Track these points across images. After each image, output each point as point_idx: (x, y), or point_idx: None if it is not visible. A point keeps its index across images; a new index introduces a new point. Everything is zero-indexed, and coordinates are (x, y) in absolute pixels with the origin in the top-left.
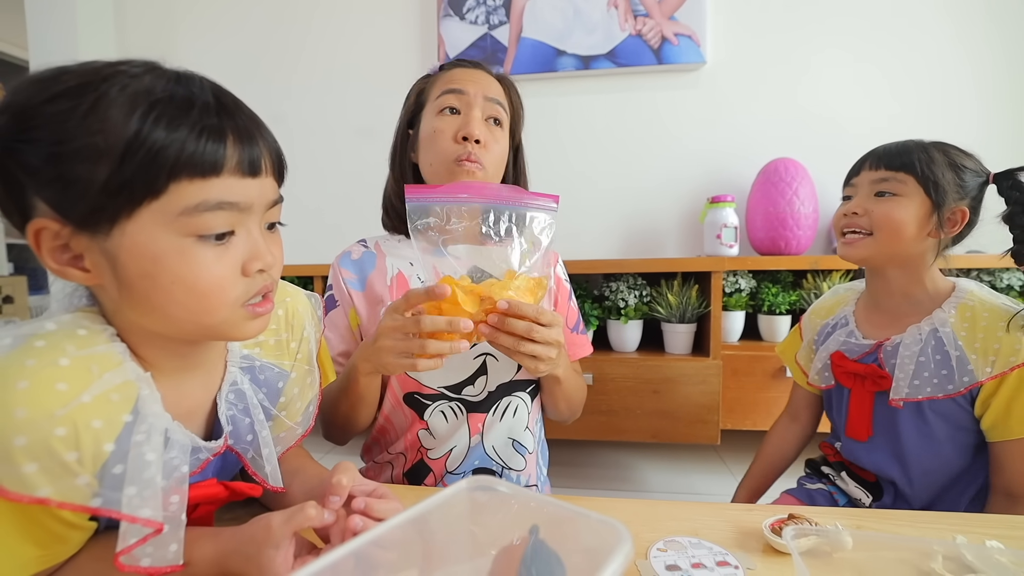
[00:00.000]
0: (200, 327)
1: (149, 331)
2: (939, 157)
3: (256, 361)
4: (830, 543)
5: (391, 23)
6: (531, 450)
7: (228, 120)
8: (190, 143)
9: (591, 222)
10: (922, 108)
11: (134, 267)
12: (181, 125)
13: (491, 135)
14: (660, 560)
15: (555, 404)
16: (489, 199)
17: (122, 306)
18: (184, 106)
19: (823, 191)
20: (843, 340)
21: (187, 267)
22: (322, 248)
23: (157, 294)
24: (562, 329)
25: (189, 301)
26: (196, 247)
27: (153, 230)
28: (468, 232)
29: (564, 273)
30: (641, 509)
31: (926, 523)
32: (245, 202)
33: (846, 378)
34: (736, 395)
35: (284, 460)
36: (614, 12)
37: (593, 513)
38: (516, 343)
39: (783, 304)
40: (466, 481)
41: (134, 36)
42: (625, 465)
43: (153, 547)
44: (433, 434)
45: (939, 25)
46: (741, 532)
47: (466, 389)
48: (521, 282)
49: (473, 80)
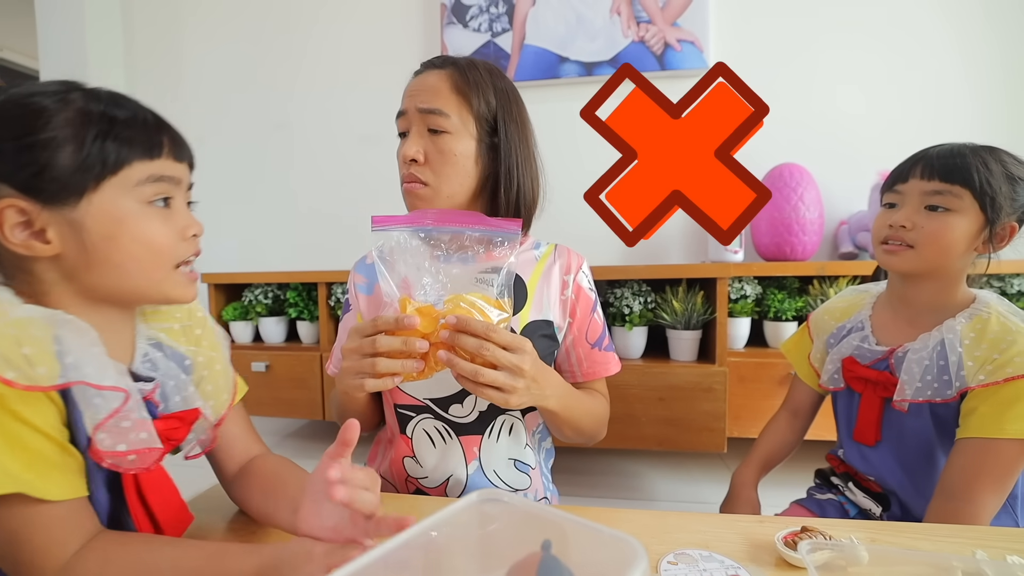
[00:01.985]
0: (149, 282)
1: (89, 299)
2: (997, 169)
3: (163, 340)
4: (845, 557)
5: (395, 32)
6: (533, 465)
7: (160, 119)
8: (141, 134)
9: (595, 228)
10: (927, 112)
11: (99, 230)
12: (132, 120)
13: (434, 147)
14: (671, 574)
15: (559, 432)
16: (450, 224)
17: (77, 271)
18: (129, 105)
19: (828, 196)
20: (856, 345)
21: (144, 226)
22: (340, 252)
23: (118, 252)
24: (532, 355)
25: (145, 255)
26: (149, 211)
27: (116, 198)
28: (432, 257)
29: (588, 281)
30: (650, 520)
31: (944, 537)
32: (177, 177)
33: (856, 383)
34: (742, 402)
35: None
36: (616, 19)
37: (606, 528)
38: (474, 373)
39: (789, 310)
40: (476, 494)
41: (141, 46)
42: (631, 473)
43: (123, 434)
44: (419, 461)
45: (942, 30)
46: (753, 545)
47: (453, 407)
48: (481, 302)
49: (412, 94)
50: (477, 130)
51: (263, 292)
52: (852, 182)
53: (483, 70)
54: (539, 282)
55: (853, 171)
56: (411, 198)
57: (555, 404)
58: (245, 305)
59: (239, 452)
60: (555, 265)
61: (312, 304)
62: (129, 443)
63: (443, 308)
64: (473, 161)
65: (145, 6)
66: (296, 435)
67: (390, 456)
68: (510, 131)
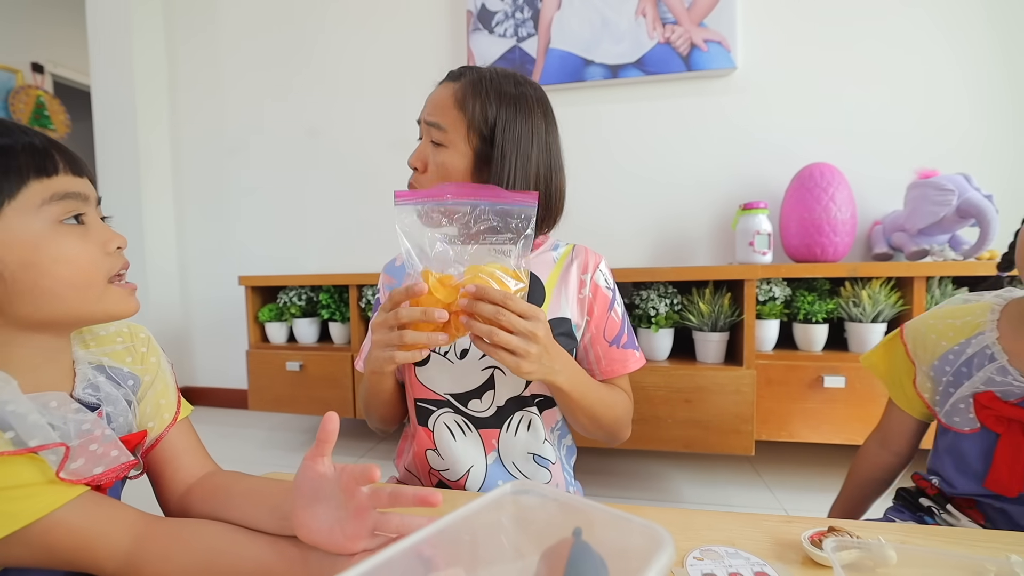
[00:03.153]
0: (86, 302)
1: (23, 328)
2: None
3: (106, 363)
4: (873, 557)
5: (423, 39)
6: (553, 460)
7: (50, 140)
8: (29, 156)
9: (621, 230)
10: (961, 108)
11: (14, 258)
12: (13, 147)
13: (433, 158)
14: (697, 568)
15: (574, 419)
16: (468, 197)
17: (5, 304)
18: (9, 130)
19: (861, 197)
20: (993, 378)
21: (62, 246)
22: (370, 256)
23: (43, 278)
24: (545, 325)
25: (72, 276)
26: (62, 230)
27: (23, 223)
28: (451, 230)
29: (605, 280)
30: (677, 518)
31: (977, 541)
32: (83, 193)
33: (996, 422)
34: (770, 405)
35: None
36: (642, 20)
37: (635, 517)
38: (489, 332)
39: (819, 312)
40: (510, 485)
41: (183, 57)
42: (657, 475)
43: (96, 458)
44: (441, 454)
45: (976, 27)
46: (779, 544)
47: (472, 402)
48: (499, 272)
49: (425, 104)
50: (475, 143)
51: (297, 294)
52: (887, 182)
53: (491, 80)
54: (557, 282)
55: (888, 170)
56: None
57: (564, 381)
58: (280, 307)
59: (189, 466)
60: (573, 265)
61: (344, 306)
62: (106, 464)
63: (463, 279)
64: (467, 176)
65: (186, 16)
66: None
67: (413, 450)
68: (508, 140)
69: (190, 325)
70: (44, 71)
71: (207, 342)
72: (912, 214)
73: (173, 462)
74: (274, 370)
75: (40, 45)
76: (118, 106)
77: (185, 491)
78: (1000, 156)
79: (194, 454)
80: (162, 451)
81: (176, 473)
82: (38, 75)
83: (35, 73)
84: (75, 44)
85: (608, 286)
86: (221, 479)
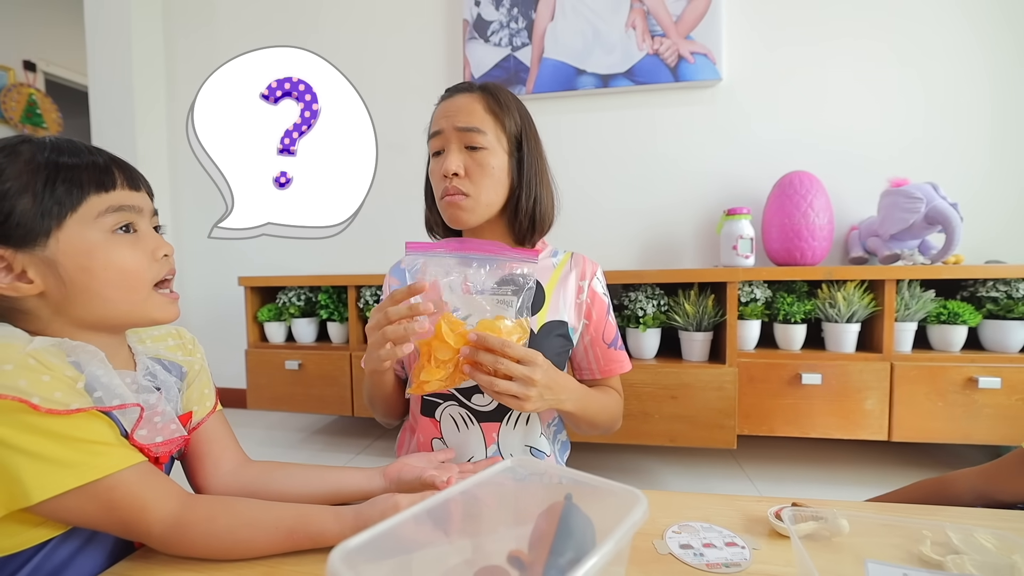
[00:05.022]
0: (131, 306)
1: (83, 327)
2: None
3: (162, 354)
4: (828, 528)
5: (419, 46)
6: (548, 453)
7: (111, 157)
8: (91, 173)
9: (611, 234)
10: (935, 119)
11: (72, 263)
12: (78, 164)
13: (472, 161)
14: (675, 540)
15: (576, 427)
16: (475, 251)
17: (64, 305)
18: (78, 150)
19: (839, 203)
20: None
21: (114, 253)
22: (367, 258)
23: (95, 281)
24: (544, 367)
25: (121, 280)
26: (115, 238)
27: (81, 232)
28: (457, 280)
29: (602, 287)
30: (658, 498)
31: (922, 515)
32: (137, 205)
33: None
34: (752, 401)
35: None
36: (632, 33)
37: (616, 484)
38: (489, 383)
39: (798, 313)
40: (509, 460)
41: (181, 57)
42: (645, 468)
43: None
44: (446, 442)
45: (952, 39)
46: (749, 519)
47: (475, 397)
48: (504, 325)
49: (447, 115)
50: (508, 146)
51: (296, 295)
52: (863, 188)
53: (507, 93)
54: (556, 287)
55: (864, 178)
56: (452, 209)
57: (572, 407)
58: (279, 307)
59: (225, 450)
60: (572, 272)
61: (342, 306)
62: (165, 435)
63: (473, 327)
64: (506, 173)
65: (184, 17)
66: (325, 430)
67: (417, 440)
68: (531, 148)
69: (189, 325)
70: (36, 69)
71: (206, 342)
72: (884, 220)
73: (213, 445)
74: (273, 369)
75: (32, 43)
76: (116, 104)
77: (222, 474)
78: (968, 165)
79: (231, 441)
80: (203, 434)
81: (216, 457)
82: (30, 73)
83: (27, 71)
84: (68, 42)
85: (604, 292)
86: (259, 465)
